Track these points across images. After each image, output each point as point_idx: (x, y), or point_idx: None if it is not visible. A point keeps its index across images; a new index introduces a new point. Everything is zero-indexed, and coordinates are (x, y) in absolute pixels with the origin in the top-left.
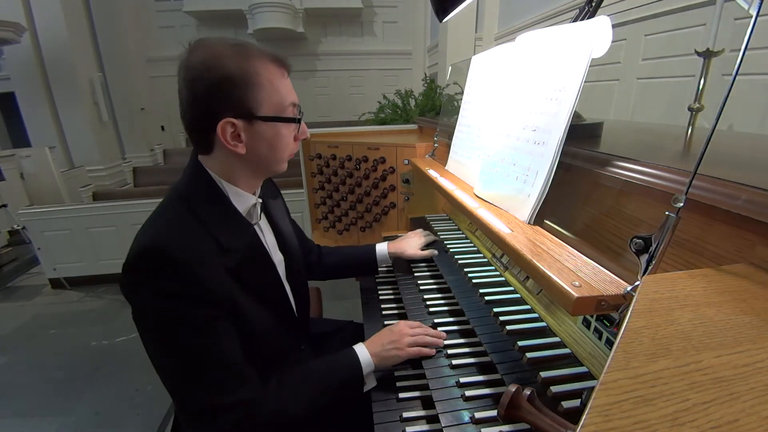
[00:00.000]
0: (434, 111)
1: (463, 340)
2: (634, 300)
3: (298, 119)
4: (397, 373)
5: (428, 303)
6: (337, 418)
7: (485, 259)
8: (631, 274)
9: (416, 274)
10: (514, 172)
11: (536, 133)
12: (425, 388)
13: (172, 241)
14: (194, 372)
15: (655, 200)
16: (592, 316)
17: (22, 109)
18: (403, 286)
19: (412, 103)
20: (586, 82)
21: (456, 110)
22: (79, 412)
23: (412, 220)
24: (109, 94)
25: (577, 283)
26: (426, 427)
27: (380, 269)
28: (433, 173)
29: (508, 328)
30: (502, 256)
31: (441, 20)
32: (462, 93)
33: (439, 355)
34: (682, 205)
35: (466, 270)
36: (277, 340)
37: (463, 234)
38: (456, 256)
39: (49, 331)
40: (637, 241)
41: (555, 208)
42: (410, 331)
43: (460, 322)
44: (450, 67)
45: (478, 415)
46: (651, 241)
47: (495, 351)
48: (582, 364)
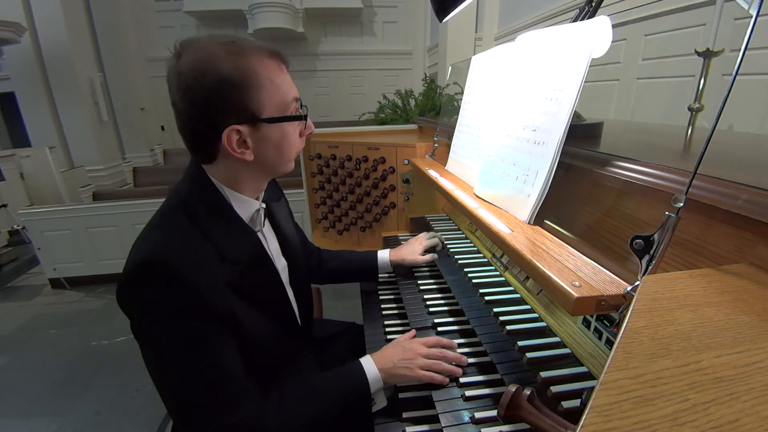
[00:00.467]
0: (434, 111)
1: (463, 340)
2: (634, 300)
3: (305, 116)
4: None
5: (428, 303)
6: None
7: (485, 259)
8: (631, 274)
9: (416, 274)
10: (514, 172)
11: (536, 133)
12: (425, 387)
13: (172, 253)
14: (195, 389)
15: (655, 200)
16: (592, 316)
17: (22, 109)
18: (403, 286)
19: (412, 103)
20: (586, 82)
21: (456, 110)
22: (79, 412)
23: (412, 220)
24: (109, 94)
25: (577, 283)
26: (426, 427)
27: (381, 276)
28: (433, 173)
29: (508, 328)
30: (502, 256)
31: (441, 20)
32: (462, 93)
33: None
34: (682, 205)
35: (466, 270)
36: (279, 349)
37: (463, 234)
38: (456, 256)
39: (49, 331)
40: (638, 241)
41: (555, 208)
42: (425, 352)
43: (460, 322)
44: (450, 67)
45: (478, 415)
46: (651, 241)
47: (495, 351)
48: (582, 364)
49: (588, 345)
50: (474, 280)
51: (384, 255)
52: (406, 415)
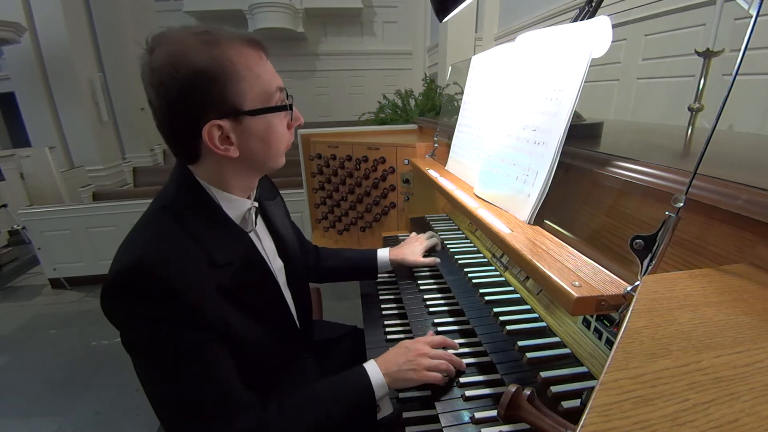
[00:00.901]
0: (434, 111)
1: (463, 340)
2: (634, 300)
3: (290, 105)
4: None
5: (428, 303)
6: None
7: (485, 259)
8: (631, 274)
9: (416, 275)
10: (514, 172)
11: (536, 133)
12: (425, 387)
13: (157, 259)
14: (188, 401)
15: (655, 200)
16: (592, 316)
17: (22, 109)
18: (403, 286)
19: (412, 103)
20: (586, 82)
21: (456, 110)
22: (79, 412)
23: (412, 220)
24: (109, 94)
25: (577, 283)
26: (426, 427)
27: (381, 276)
28: (433, 173)
29: (508, 328)
30: (502, 256)
31: (441, 20)
32: (462, 93)
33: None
34: (682, 205)
35: (466, 270)
36: (278, 352)
37: (463, 234)
38: (456, 256)
39: (49, 331)
40: (638, 241)
41: (555, 208)
42: (431, 353)
43: (460, 322)
44: (450, 67)
45: (478, 415)
46: (651, 241)
47: (495, 351)
48: (582, 364)
49: (588, 345)
50: (474, 280)
51: (384, 254)
52: (406, 414)
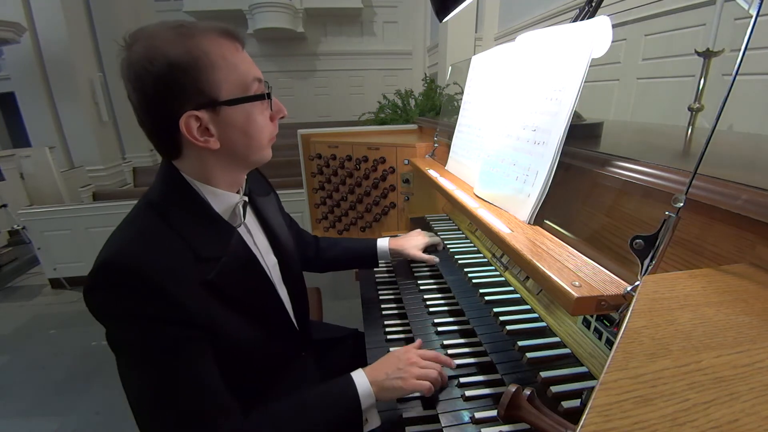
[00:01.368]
0: (434, 111)
1: (463, 340)
2: (634, 300)
3: (268, 94)
4: None
5: (428, 303)
6: None
7: (485, 259)
8: (631, 274)
9: (416, 275)
10: (514, 172)
11: (536, 133)
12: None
13: (137, 254)
14: (165, 402)
15: (655, 200)
16: (592, 316)
17: (22, 109)
18: (403, 286)
19: (412, 103)
20: (586, 82)
21: (456, 110)
22: (79, 412)
23: (412, 220)
24: (109, 94)
25: (577, 283)
26: (426, 427)
27: (380, 265)
28: (433, 173)
29: (508, 328)
30: (502, 256)
31: (441, 20)
32: (462, 93)
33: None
34: (682, 205)
35: (466, 270)
36: (272, 349)
37: (463, 234)
38: (456, 256)
39: (49, 331)
40: (638, 241)
41: (555, 208)
42: (421, 362)
43: (460, 322)
44: (450, 67)
45: (478, 415)
46: (651, 241)
47: (495, 351)
48: (582, 364)
49: (588, 345)
50: (474, 280)
51: (383, 243)
52: (406, 415)
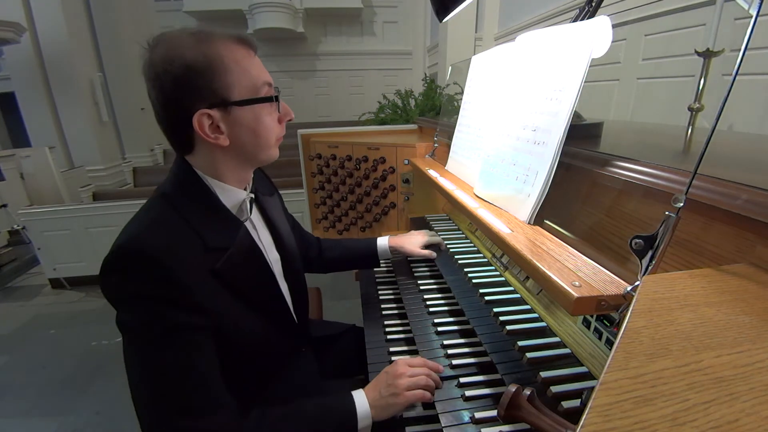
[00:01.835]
0: (434, 111)
1: (463, 340)
2: (634, 300)
3: (276, 97)
4: None
5: (428, 303)
6: None
7: (485, 259)
8: (631, 274)
9: (416, 275)
10: (514, 172)
11: (536, 133)
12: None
13: (149, 239)
14: (164, 387)
15: (655, 200)
16: (592, 316)
17: (22, 109)
18: (403, 286)
19: (412, 103)
20: (586, 82)
21: (456, 110)
22: (79, 412)
23: (412, 220)
24: (109, 94)
25: (577, 283)
26: (426, 427)
27: (381, 264)
28: (433, 173)
29: (508, 328)
30: (502, 256)
31: (441, 20)
32: (462, 93)
33: (439, 355)
34: (682, 205)
35: (466, 270)
36: (273, 343)
37: (463, 234)
38: (456, 256)
39: (49, 331)
40: (638, 241)
41: (555, 208)
42: (409, 371)
43: (460, 322)
44: (450, 67)
45: (478, 415)
46: (651, 241)
47: (495, 351)
48: (582, 364)
49: (588, 345)
50: (474, 280)
51: (383, 241)
52: (406, 414)
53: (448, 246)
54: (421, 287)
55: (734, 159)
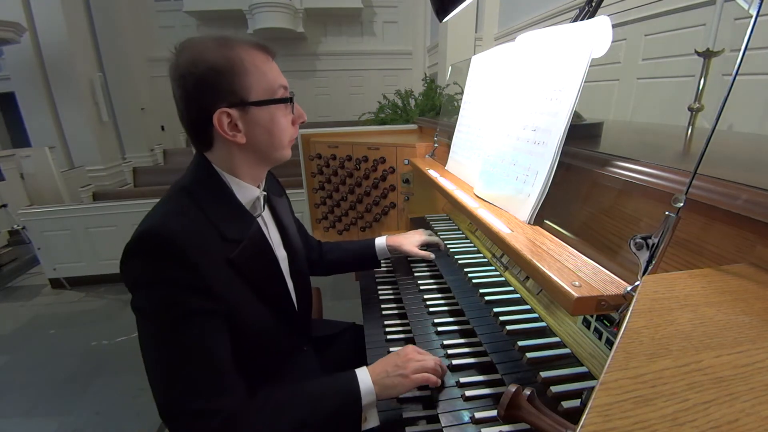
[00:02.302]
0: (434, 111)
1: (463, 340)
2: (634, 300)
3: (290, 99)
4: None
5: (428, 303)
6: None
7: (485, 259)
8: (631, 274)
9: (416, 274)
10: (514, 172)
11: (536, 133)
12: (425, 387)
13: (171, 226)
14: (178, 369)
15: (655, 200)
16: (592, 316)
17: (22, 109)
18: (403, 286)
19: (412, 103)
20: (586, 82)
21: (456, 110)
22: (79, 412)
23: (412, 220)
24: (109, 94)
25: (577, 283)
26: (426, 427)
27: (382, 264)
28: (433, 173)
29: (508, 328)
30: (502, 256)
31: (441, 20)
32: (462, 93)
33: (439, 355)
34: (682, 205)
35: (466, 270)
36: (278, 339)
37: (463, 234)
38: (456, 256)
39: (49, 331)
40: (637, 241)
41: (555, 208)
42: (417, 356)
43: (460, 322)
44: (450, 67)
45: (478, 415)
46: (651, 241)
47: (495, 351)
48: (582, 364)
49: (588, 345)
50: (474, 280)
51: (381, 241)
52: (406, 414)
53: (448, 246)
54: (421, 287)
55: (734, 159)
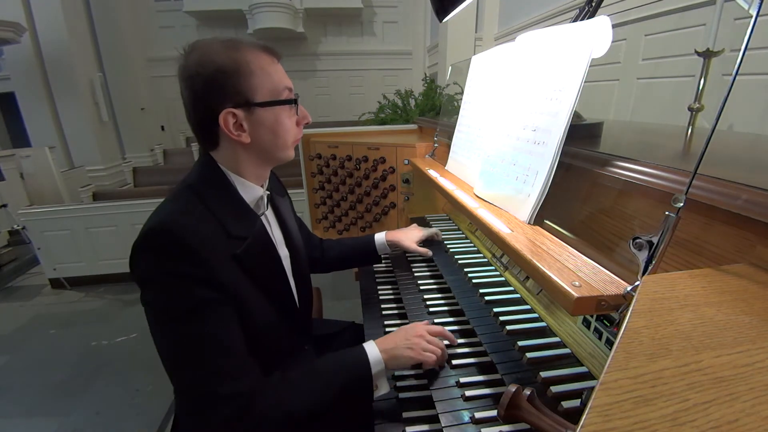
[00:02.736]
0: (434, 111)
1: (463, 340)
2: (634, 300)
3: (294, 100)
4: (397, 373)
5: (428, 303)
6: (336, 419)
7: (485, 259)
8: (631, 274)
9: (416, 274)
10: (514, 172)
11: (536, 133)
12: (425, 388)
13: (178, 223)
14: (195, 356)
15: (655, 200)
16: (592, 316)
17: (22, 109)
18: (403, 286)
19: (412, 103)
20: (586, 82)
21: (456, 110)
22: (79, 412)
23: (412, 220)
24: (109, 94)
25: (577, 283)
26: (426, 427)
27: (382, 263)
28: (433, 173)
29: (508, 328)
30: (502, 256)
31: (441, 20)
32: (462, 93)
33: None
34: (682, 205)
35: (466, 270)
36: (280, 336)
37: (463, 234)
38: (456, 256)
39: (49, 331)
40: (638, 241)
41: (555, 208)
42: (428, 337)
43: (460, 322)
44: (450, 67)
45: (478, 415)
46: (651, 241)
47: (495, 351)
48: (582, 364)
49: (588, 345)
50: (474, 280)
51: (380, 236)
52: (406, 415)
53: (448, 246)
54: (421, 287)
55: (734, 159)
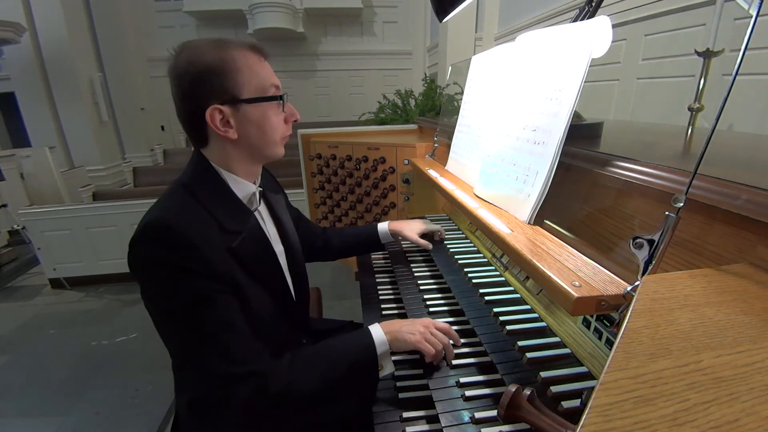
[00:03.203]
0: (434, 111)
1: (463, 340)
2: (634, 300)
3: (280, 96)
4: (398, 373)
5: (428, 303)
6: (336, 416)
7: (485, 259)
8: (631, 274)
9: (416, 274)
10: (514, 172)
11: (536, 133)
12: (425, 388)
13: (175, 218)
14: (208, 343)
15: (655, 200)
16: (592, 316)
17: (22, 109)
18: (403, 286)
19: (412, 103)
20: (586, 82)
21: (456, 110)
22: (79, 412)
23: None
24: (109, 94)
25: (577, 283)
26: (426, 427)
27: (381, 263)
28: (433, 173)
29: (508, 328)
30: (502, 256)
31: (441, 20)
32: (462, 93)
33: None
34: (682, 205)
35: (466, 270)
36: (277, 329)
37: (463, 234)
38: (456, 256)
39: (49, 331)
40: (638, 241)
41: (555, 208)
42: (433, 331)
43: (460, 322)
44: (450, 67)
45: (478, 415)
46: (651, 241)
47: (495, 351)
48: (582, 364)
49: (588, 345)
50: (474, 280)
51: (383, 226)
52: (406, 414)
53: (448, 246)
54: (421, 287)
55: (734, 159)
